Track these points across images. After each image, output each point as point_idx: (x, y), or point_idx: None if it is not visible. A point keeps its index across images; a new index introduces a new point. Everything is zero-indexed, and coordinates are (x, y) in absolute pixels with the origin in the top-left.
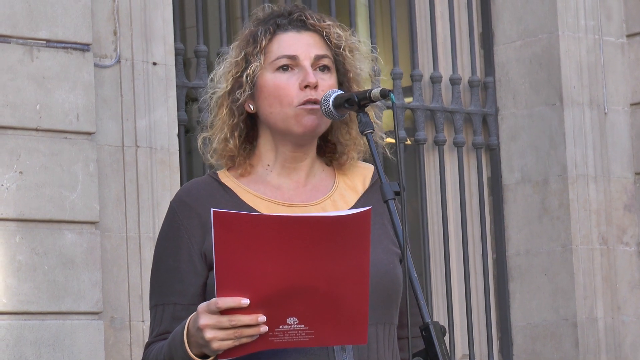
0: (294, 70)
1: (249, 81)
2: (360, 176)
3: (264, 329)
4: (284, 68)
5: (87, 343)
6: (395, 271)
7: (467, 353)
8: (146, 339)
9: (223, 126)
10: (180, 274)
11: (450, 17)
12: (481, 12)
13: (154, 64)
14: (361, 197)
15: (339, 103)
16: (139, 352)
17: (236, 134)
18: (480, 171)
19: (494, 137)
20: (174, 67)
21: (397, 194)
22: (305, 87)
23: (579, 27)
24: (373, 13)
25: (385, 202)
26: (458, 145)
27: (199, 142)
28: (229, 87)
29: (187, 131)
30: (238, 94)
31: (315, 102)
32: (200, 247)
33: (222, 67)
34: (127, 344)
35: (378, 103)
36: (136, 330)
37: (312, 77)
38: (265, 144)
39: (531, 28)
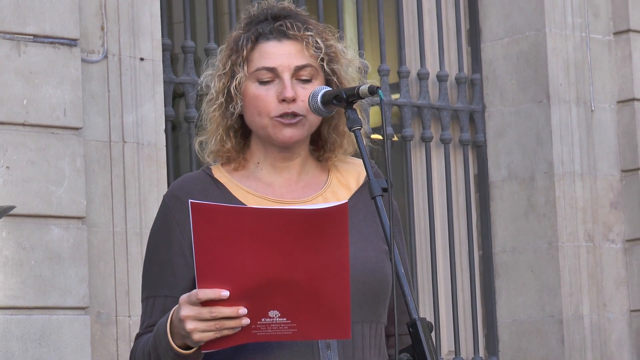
0: (274, 82)
1: (238, 93)
2: (354, 173)
3: (246, 321)
4: (263, 80)
5: (73, 338)
6: (384, 269)
7: (453, 349)
8: (133, 334)
9: (218, 128)
10: (172, 267)
11: (438, 14)
12: (468, 9)
13: (142, 59)
14: (354, 194)
15: (327, 99)
16: (125, 347)
17: (231, 133)
18: (466, 168)
19: (480, 134)
20: (161, 62)
21: (385, 190)
22: (283, 100)
23: (566, 24)
24: (361, 9)
25: (373, 198)
26: (445, 142)
27: (196, 146)
28: (220, 98)
29: (174, 127)
30: (231, 107)
31: (293, 114)
32: (191, 241)
33: (212, 74)
34: (114, 339)
35: (364, 101)
36: (122, 325)
37: (289, 91)
38: (255, 142)
39: (518, 25)
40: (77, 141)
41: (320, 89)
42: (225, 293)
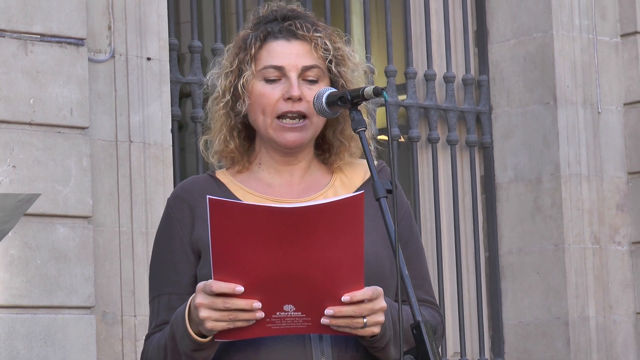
0: (281, 81)
1: (245, 91)
2: (360, 172)
3: (260, 314)
4: (270, 79)
5: (78, 337)
6: (379, 262)
7: (459, 351)
8: (138, 334)
9: (222, 127)
10: (174, 264)
11: (445, 15)
12: (476, 10)
13: (148, 59)
14: (356, 191)
15: (332, 101)
16: (130, 346)
17: (235, 134)
18: (473, 169)
19: (487, 136)
20: (168, 62)
21: (389, 192)
22: (288, 99)
23: (573, 26)
24: (368, 10)
25: (377, 200)
26: (451, 143)
27: (201, 145)
28: (227, 96)
29: (180, 127)
30: (238, 105)
31: (298, 114)
32: (190, 236)
33: (219, 73)
34: (119, 338)
35: (370, 102)
36: (128, 325)
37: (296, 90)
38: (259, 143)
39: (525, 27)
40: (83, 140)
41: (325, 90)
42: (239, 288)
